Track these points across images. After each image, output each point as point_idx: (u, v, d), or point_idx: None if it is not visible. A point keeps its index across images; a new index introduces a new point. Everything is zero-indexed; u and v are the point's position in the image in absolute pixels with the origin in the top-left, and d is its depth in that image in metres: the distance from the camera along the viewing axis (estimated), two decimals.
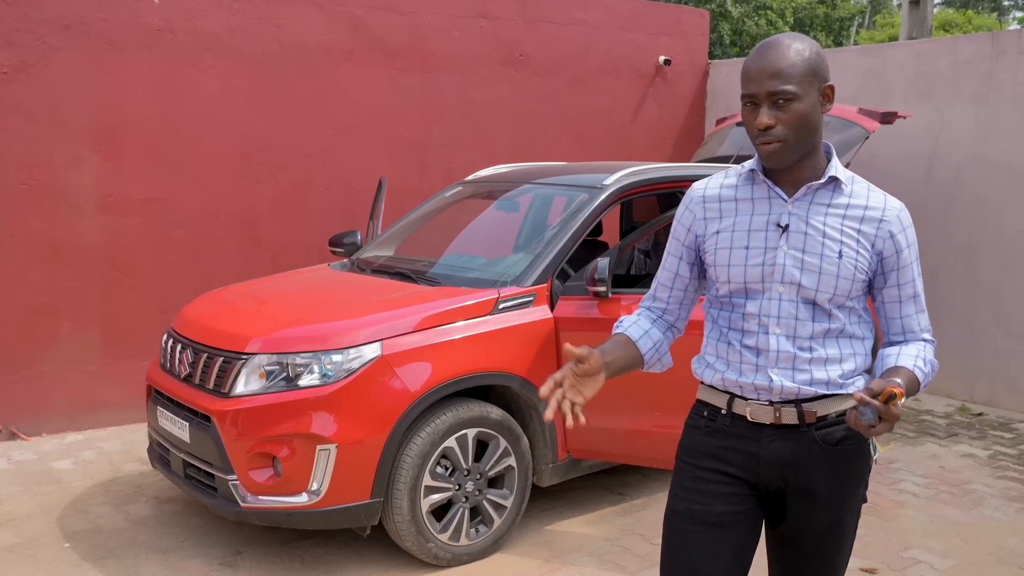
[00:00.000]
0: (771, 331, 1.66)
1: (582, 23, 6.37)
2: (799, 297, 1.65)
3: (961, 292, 5.55)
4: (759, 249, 1.66)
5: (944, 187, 5.59)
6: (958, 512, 3.79)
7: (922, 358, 1.68)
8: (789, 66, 1.58)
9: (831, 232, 1.64)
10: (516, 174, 4.49)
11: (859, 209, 1.66)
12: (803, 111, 1.59)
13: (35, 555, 3.32)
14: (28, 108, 4.58)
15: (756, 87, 1.59)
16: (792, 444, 1.67)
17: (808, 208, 1.66)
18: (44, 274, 4.69)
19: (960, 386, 5.60)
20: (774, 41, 1.62)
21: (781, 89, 1.57)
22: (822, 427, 1.66)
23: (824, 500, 1.68)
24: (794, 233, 1.65)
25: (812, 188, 1.66)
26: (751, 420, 1.69)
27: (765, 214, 1.67)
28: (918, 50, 5.81)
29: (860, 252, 1.65)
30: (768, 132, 1.59)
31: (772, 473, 1.68)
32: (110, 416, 4.85)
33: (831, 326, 1.66)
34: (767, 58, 1.59)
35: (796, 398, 1.66)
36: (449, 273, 3.73)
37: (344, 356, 3.07)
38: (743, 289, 1.68)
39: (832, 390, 1.66)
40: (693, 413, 1.81)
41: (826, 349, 1.66)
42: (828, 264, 1.63)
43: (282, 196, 5.34)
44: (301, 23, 5.31)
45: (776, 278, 1.65)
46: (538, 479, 3.47)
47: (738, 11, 17.39)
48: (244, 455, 3.03)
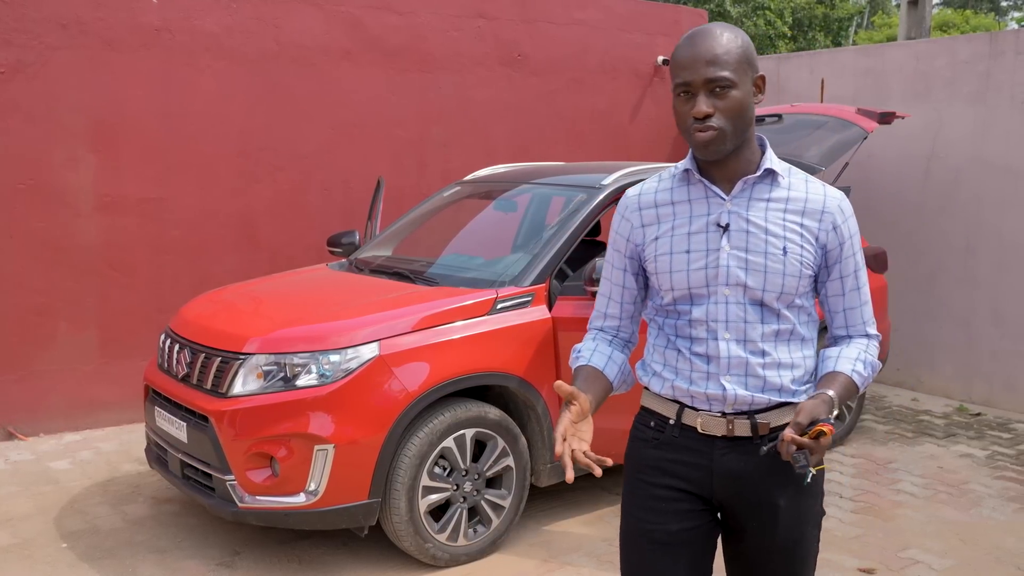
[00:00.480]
0: (720, 336, 1.60)
1: (580, 23, 6.36)
2: (746, 298, 1.59)
3: (959, 292, 5.55)
4: (701, 252, 1.61)
5: (942, 187, 5.59)
6: (956, 512, 3.80)
7: (862, 361, 1.63)
8: (725, 53, 1.53)
9: (773, 228, 1.59)
10: (514, 174, 4.49)
11: (799, 202, 1.61)
12: (740, 99, 1.54)
13: (32, 555, 3.31)
14: (26, 108, 4.58)
15: (692, 75, 1.53)
16: (746, 457, 1.61)
17: (747, 204, 1.60)
18: (42, 274, 4.68)
19: (958, 386, 5.61)
20: (705, 29, 1.56)
21: (719, 76, 1.52)
22: (775, 438, 1.59)
23: (784, 514, 1.62)
24: (735, 232, 1.59)
25: (749, 183, 1.60)
26: (702, 432, 1.63)
27: (704, 215, 1.62)
28: (917, 50, 5.82)
29: (805, 247, 1.60)
30: (706, 120, 1.53)
31: (726, 487, 1.63)
32: (108, 416, 4.84)
33: (781, 327, 1.61)
34: (702, 45, 1.53)
35: (749, 408, 1.61)
36: (447, 273, 3.73)
37: (342, 356, 3.07)
38: (688, 295, 1.62)
39: (785, 397, 1.62)
40: (639, 423, 1.73)
41: (778, 352, 1.61)
42: (773, 262, 1.58)
43: (280, 196, 5.33)
44: (299, 23, 5.31)
45: (721, 280, 1.59)
46: (536, 479, 3.47)
47: (736, 11, 17.40)
48: (242, 455, 3.03)
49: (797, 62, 6.65)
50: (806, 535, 1.67)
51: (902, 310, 5.66)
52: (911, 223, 5.73)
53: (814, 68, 6.36)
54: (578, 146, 6.40)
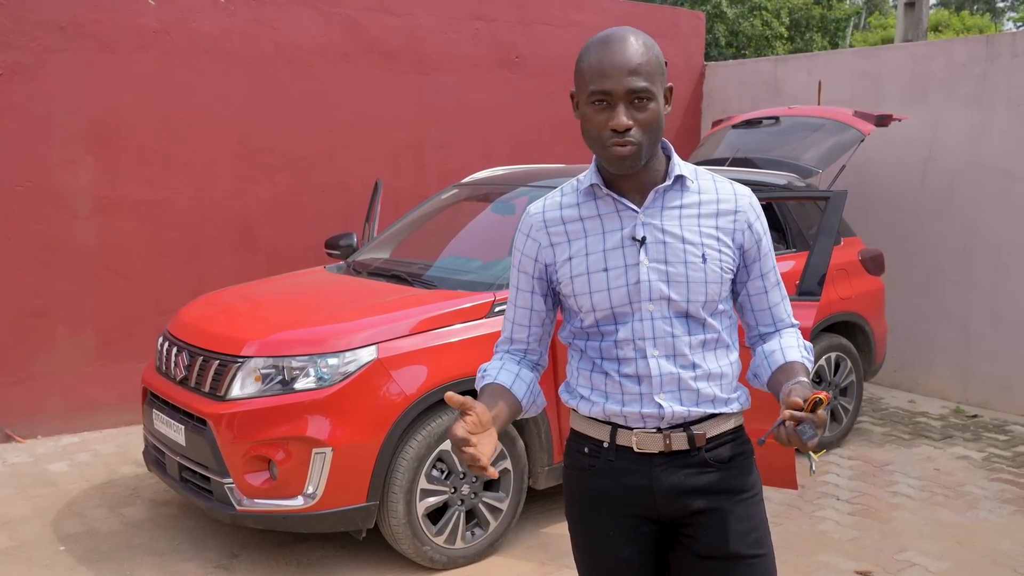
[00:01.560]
0: (649, 354, 1.54)
1: (578, 25, 6.37)
2: (671, 311, 1.54)
3: (956, 294, 5.56)
4: (619, 269, 1.54)
5: (939, 189, 5.61)
6: (953, 514, 3.81)
7: (803, 347, 1.63)
8: (646, 63, 1.45)
9: (690, 236, 1.54)
10: (512, 176, 4.49)
11: (711, 204, 1.57)
12: (658, 112, 1.48)
13: (30, 558, 3.31)
14: (23, 110, 4.57)
15: (613, 84, 1.44)
16: (685, 470, 1.57)
17: (660, 214, 1.54)
18: (39, 276, 4.68)
19: (954, 388, 5.62)
20: (622, 35, 1.47)
21: (642, 87, 1.44)
22: (712, 448, 1.58)
23: (733, 520, 1.58)
24: (652, 244, 1.53)
25: (660, 192, 1.55)
26: (638, 450, 1.57)
27: (618, 229, 1.54)
28: (913, 53, 5.83)
29: (723, 251, 1.56)
30: (625, 134, 1.45)
31: (669, 503, 1.58)
32: (105, 418, 4.84)
33: (707, 336, 1.57)
34: (623, 54, 1.44)
35: (685, 421, 1.57)
36: (445, 276, 3.73)
37: (340, 359, 3.07)
38: (611, 315, 1.55)
39: (718, 408, 1.58)
40: (571, 450, 1.67)
41: (707, 363, 1.57)
42: (694, 271, 1.53)
43: (278, 198, 5.34)
44: (297, 25, 5.31)
45: (644, 296, 1.53)
46: (534, 482, 3.47)
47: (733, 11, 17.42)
48: (240, 458, 3.03)
49: (794, 64, 6.66)
50: (763, 541, 1.61)
51: (899, 312, 5.68)
52: (908, 225, 5.75)
53: (811, 70, 6.37)
54: (575, 148, 6.41)
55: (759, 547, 1.61)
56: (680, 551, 1.62)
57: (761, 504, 1.65)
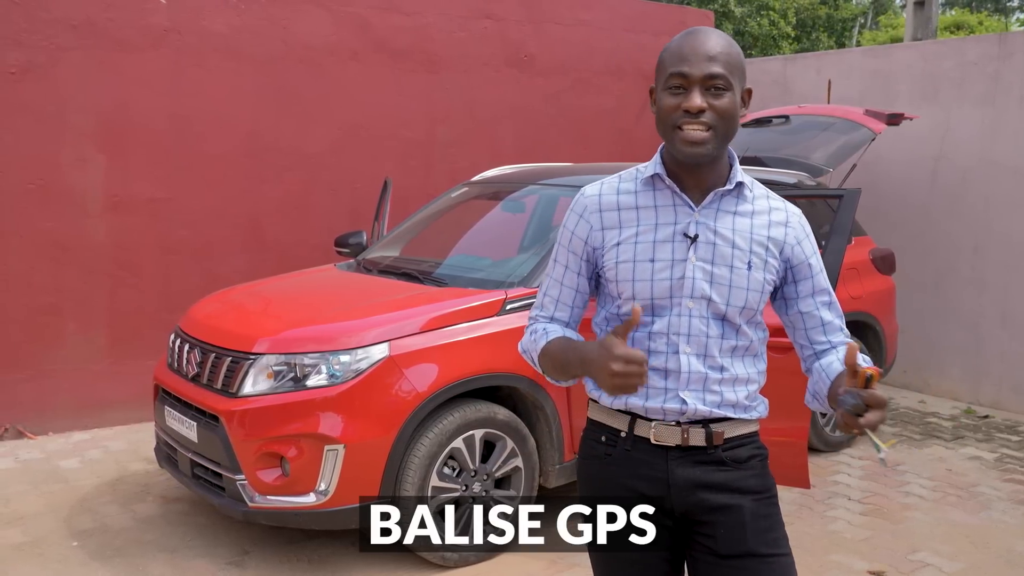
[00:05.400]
0: (681, 350, 1.55)
1: (587, 24, 6.36)
2: (710, 312, 1.55)
3: (967, 294, 5.54)
4: (666, 262, 1.54)
5: (950, 189, 5.58)
6: (965, 515, 3.79)
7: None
8: (726, 53, 1.49)
9: (740, 242, 1.55)
10: (522, 175, 4.49)
11: (763, 215, 1.58)
12: (734, 103, 1.50)
13: (43, 553, 3.32)
14: (35, 108, 4.59)
15: (691, 68, 1.47)
16: (701, 466, 1.57)
17: (716, 216, 1.56)
18: (50, 274, 4.69)
19: (966, 388, 5.59)
20: (706, 29, 1.53)
21: (719, 72, 1.47)
22: (728, 448, 1.58)
23: (750, 517, 1.57)
24: (703, 244, 1.54)
25: (719, 195, 1.56)
26: (655, 443, 1.57)
27: (671, 223, 1.56)
28: (924, 51, 5.81)
29: (769, 261, 1.57)
30: (699, 116, 1.47)
31: (684, 497, 1.57)
32: (115, 415, 4.86)
33: (739, 343, 1.57)
34: (705, 42, 1.49)
35: (705, 419, 1.57)
36: (456, 274, 3.73)
37: (352, 357, 3.07)
38: (650, 306, 1.56)
39: (739, 413, 1.58)
40: (588, 438, 1.67)
41: (734, 368, 1.57)
42: (738, 276, 1.54)
43: (287, 196, 5.34)
44: (307, 24, 5.31)
45: (686, 292, 1.54)
46: (545, 480, 3.47)
47: (740, 11, 17.40)
48: (252, 455, 3.04)
49: (803, 63, 6.64)
50: (780, 543, 1.59)
51: (909, 312, 5.65)
52: (919, 224, 5.72)
53: (821, 69, 6.35)
54: (584, 146, 6.41)
55: (778, 547, 1.59)
56: (698, 551, 1.61)
57: (778, 507, 1.64)
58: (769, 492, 1.62)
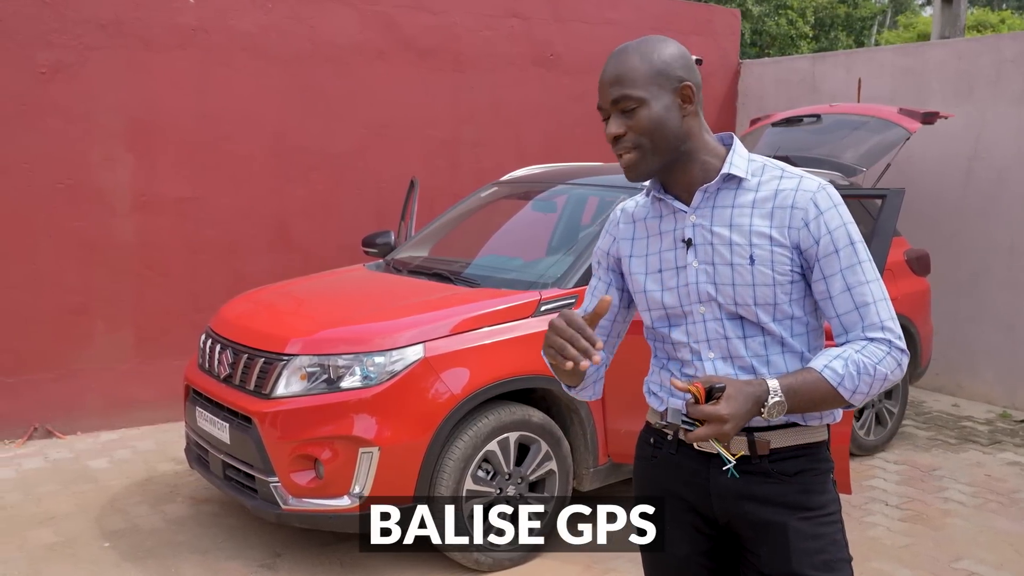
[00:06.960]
0: (705, 357, 1.52)
1: (613, 23, 6.31)
2: (723, 314, 1.51)
3: (1002, 295, 5.43)
4: (671, 271, 1.54)
5: (985, 188, 5.48)
6: (1008, 522, 3.70)
7: (843, 359, 1.43)
8: (629, 71, 1.48)
9: (737, 237, 1.48)
10: (551, 174, 4.44)
11: (767, 202, 1.48)
12: (652, 115, 1.47)
13: (76, 554, 3.31)
14: (65, 108, 4.60)
15: (601, 99, 1.51)
16: (745, 476, 1.50)
17: (711, 214, 1.51)
18: (79, 273, 4.70)
19: (1000, 392, 5.49)
20: (619, 49, 1.53)
21: (622, 95, 1.48)
22: (776, 459, 1.50)
23: (797, 537, 1.48)
24: (701, 246, 1.51)
25: (708, 191, 1.51)
26: (698, 448, 1.55)
27: (671, 230, 1.56)
28: (958, 49, 5.71)
29: (775, 251, 1.46)
30: (620, 142, 1.50)
31: (726, 507, 1.53)
32: (143, 415, 4.85)
33: (767, 339, 1.50)
34: (607, 68, 1.51)
35: (748, 426, 1.49)
36: (487, 274, 3.69)
37: (386, 358, 3.04)
38: (665, 316, 1.56)
39: (792, 418, 1.48)
40: (642, 441, 1.69)
41: (770, 368, 1.49)
42: (741, 273, 1.48)
43: (314, 196, 5.33)
44: (334, 23, 5.30)
45: (693, 298, 1.52)
46: (579, 483, 3.42)
47: (758, 10, 17.25)
48: (286, 457, 3.01)
49: (832, 61, 6.55)
50: (831, 566, 1.48)
51: (943, 313, 5.55)
52: (953, 225, 5.62)
53: (850, 67, 6.26)
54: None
55: (827, 570, 1.49)
56: (746, 569, 1.57)
57: (836, 526, 1.54)
58: (824, 510, 1.52)
